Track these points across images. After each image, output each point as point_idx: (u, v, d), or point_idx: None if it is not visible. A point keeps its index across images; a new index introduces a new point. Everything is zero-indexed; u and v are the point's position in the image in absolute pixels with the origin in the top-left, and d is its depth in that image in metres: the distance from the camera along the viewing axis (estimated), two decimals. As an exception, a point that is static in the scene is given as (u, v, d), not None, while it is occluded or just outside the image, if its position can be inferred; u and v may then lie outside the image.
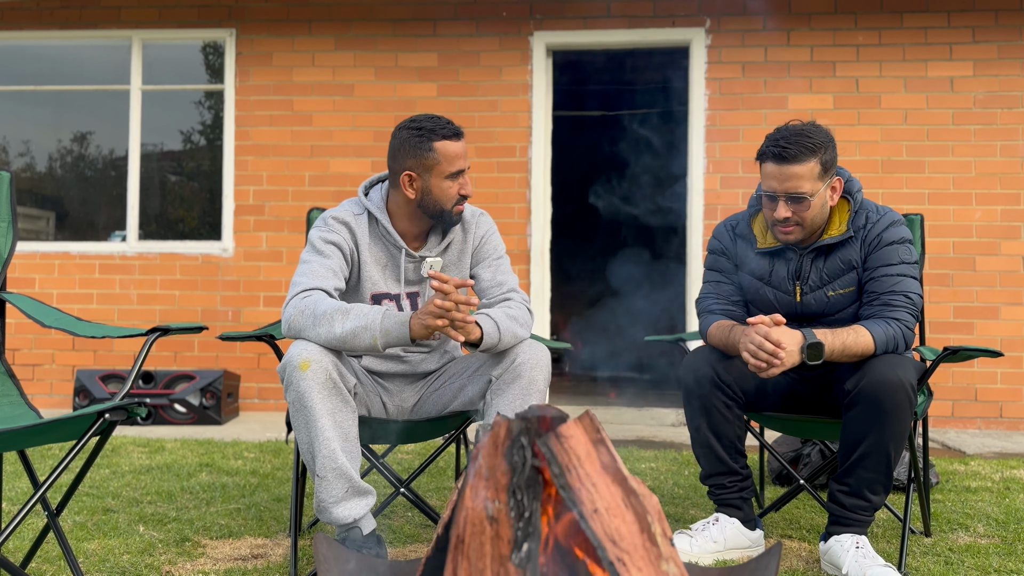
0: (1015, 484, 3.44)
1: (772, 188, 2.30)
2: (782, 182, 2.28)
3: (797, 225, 2.32)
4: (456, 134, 2.24)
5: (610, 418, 5.37)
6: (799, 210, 2.29)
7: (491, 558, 1.15)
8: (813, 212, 2.31)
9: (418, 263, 2.34)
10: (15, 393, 2.20)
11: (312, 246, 2.25)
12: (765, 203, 2.36)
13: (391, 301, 2.32)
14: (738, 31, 5.49)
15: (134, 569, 2.26)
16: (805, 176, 2.27)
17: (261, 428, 4.89)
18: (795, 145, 2.26)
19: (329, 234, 2.26)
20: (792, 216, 2.30)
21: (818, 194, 2.30)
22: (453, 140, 2.23)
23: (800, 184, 2.27)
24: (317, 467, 2.06)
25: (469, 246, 2.40)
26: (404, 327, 2.03)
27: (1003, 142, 5.32)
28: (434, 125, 2.22)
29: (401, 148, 2.25)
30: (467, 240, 2.39)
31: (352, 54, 5.73)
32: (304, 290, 2.15)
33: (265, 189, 5.75)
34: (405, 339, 2.04)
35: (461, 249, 2.39)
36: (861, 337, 2.23)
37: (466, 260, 2.40)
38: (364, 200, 2.33)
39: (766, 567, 1.37)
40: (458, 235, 2.38)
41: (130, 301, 5.77)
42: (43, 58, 6.08)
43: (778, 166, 2.28)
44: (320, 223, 2.29)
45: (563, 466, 1.19)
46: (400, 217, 2.32)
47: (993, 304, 5.29)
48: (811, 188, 2.28)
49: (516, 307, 2.27)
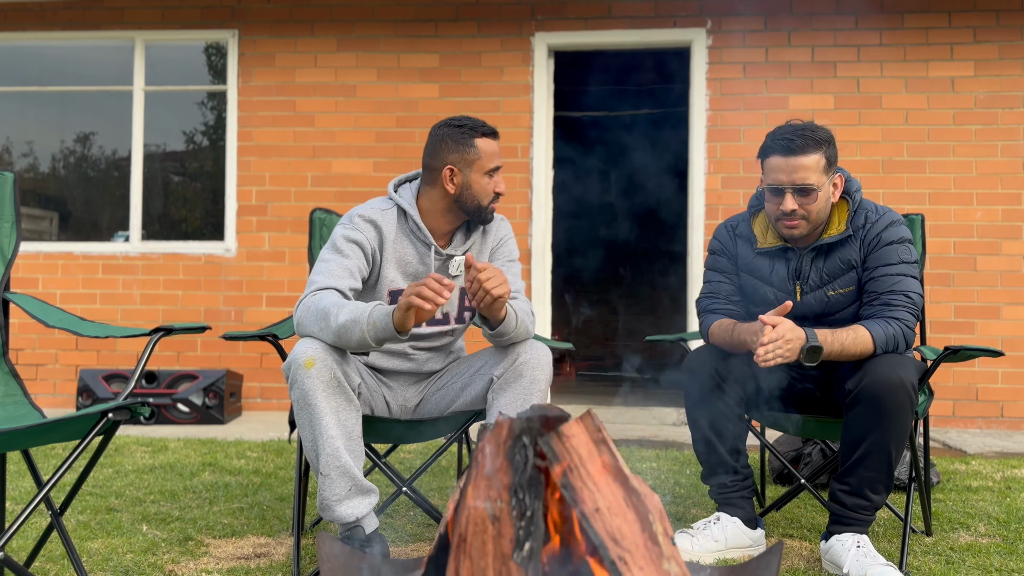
0: (1016, 484, 3.44)
1: (779, 180, 2.30)
2: (789, 174, 2.28)
3: (803, 219, 2.32)
4: (494, 133, 2.34)
5: (612, 417, 5.38)
6: (806, 203, 2.30)
7: (493, 557, 1.16)
8: (819, 205, 2.31)
9: (445, 260, 2.35)
10: (19, 393, 2.21)
11: (333, 244, 2.26)
12: (769, 198, 2.35)
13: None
14: (739, 31, 5.49)
15: (137, 568, 2.27)
16: (812, 168, 2.28)
17: (264, 428, 4.90)
18: (802, 137, 2.28)
19: (353, 232, 2.27)
20: (799, 209, 2.30)
21: (823, 187, 2.31)
22: (492, 138, 2.33)
23: (807, 175, 2.28)
24: (320, 465, 2.07)
25: (488, 247, 2.43)
26: (388, 317, 2.02)
27: (1004, 142, 5.32)
28: (474, 124, 2.31)
29: (443, 144, 2.30)
30: (486, 241, 2.43)
31: (354, 55, 5.74)
32: (318, 288, 2.16)
33: (268, 190, 5.76)
34: (390, 329, 2.02)
35: (480, 249, 2.42)
36: (860, 337, 2.23)
37: (484, 260, 2.42)
38: (395, 196, 2.35)
39: (767, 566, 1.37)
40: (479, 236, 2.41)
41: (133, 301, 5.78)
42: (46, 59, 6.09)
43: (785, 158, 2.29)
44: (346, 220, 2.30)
45: (565, 466, 1.19)
46: (432, 214, 2.34)
47: (994, 304, 5.29)
48: (818, 180, 2.28)
49: (525, 305, 2.31)
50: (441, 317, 2.37)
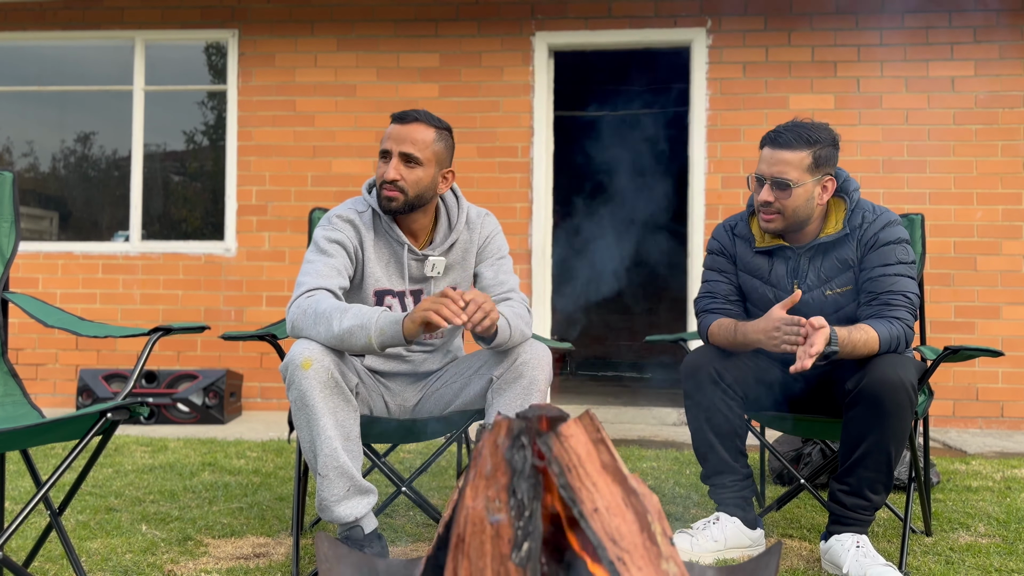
0: (1016, 484, 3.44)
1: (761, 171, 2.35)
2: (771, 166, 2.32)
3: (778, 213, 2.34)
4: (399, 116, 2.30)
5: (611, 417, 5.37)
6: (781, 197, 2.31)
7: (491, 557, 1.16)
8: (795, 203, 2.32)
9: (421, 260, 2.35)
10: (18, 392, 2.21)
11: (316, 245, 2.26)
12: (754, 188, 2.38)
13: (394, 298, 2.33)
14: (739, 31, 5.49)
15: (136, 568, 2.27)
16: (793, 164, 2.29)
17: (264, 427, 4.90)
18: (790, 132, 2.32)
19: (333, 232, 2.27)
20: (774, 202, 2.32)
21: (803, 185, 2.30)
22: (394, 122, 2.31)
23: (786, 170, 2.29)
24: (319, 466, 2.07)
25: (475, 245, 2.41)
26: (398, 325, 2.03)
27: (1004, 142, 5.32)
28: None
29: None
30: (472, 239, 2.41)
31: (354, 55, 5.74)
32: (308, 290, 2.16)
33: (268, 189, 5.76)
34: (399, 337, 2.04)
35: (466, 248, 2.40)
36: (870, 337, 2.23)
37: (471, 259, 2.41)
38: (368, 197, 2.35)
39: (766, 566, 1.37)
40: (463, 234, 2.40)
41: (133, 301, 5.78)
42: (46, 59, 6.10)
43: (772, 150, 2.33)
44: (324, 222, 2.30)
45: (563, 466, 1.19)
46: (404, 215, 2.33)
47: (994, 304, 5.29)
48: (797, 177, 2.29)
49: (519, 306, 2.29)
50: None
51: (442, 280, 2.37)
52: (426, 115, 2.28)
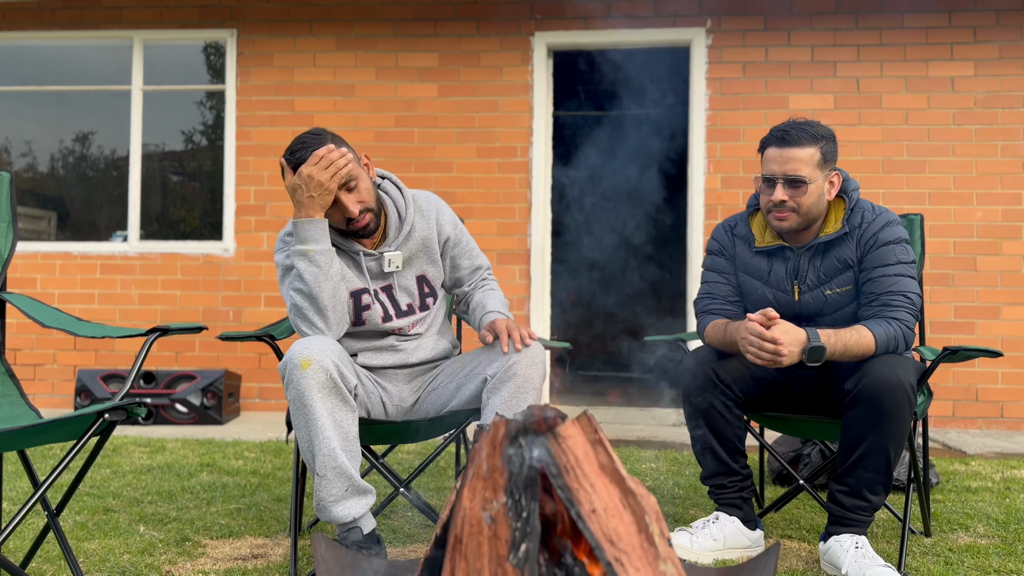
0: (1016, 484, 3.44)
1: (772, 171, 2.33)
2: (782, 164, 2.31)
3: (793, 211, 2.33)
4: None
5: (610, 418, 5.37)
6: (796, 195, 2.31)
7: (489, 558, 1.15)
8: (810, 200, 2.32)
9: (379, 258, 2.34)
10: (15, 393, 2.21)
11: (284, 271, 2.29)
12: (763, 189, 2.38)
13: (370, 296, 2.34)
14: (739, 31, 5.49)
15: (134, 569, 2.26)
16: (805, 160, 2.30)
17: (262, 428, 4.89)
18: (797, 130, 2.32)
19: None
20: (788, 201, 2.32)
21: (816, 182, 2.31)
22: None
23: (799, 167, 2.30)
24: (317, 466, 2.06)
25: (433, 232, 2.41)
26: (296, 223, 2.18)
27: (1004, 142, 5.32)
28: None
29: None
30: (430, 226, 2.40)
31: (353, 54, 5.74)
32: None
33: (266, 189, 5.75)
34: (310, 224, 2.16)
35: (426, 236, 2.39)
36: (863, 338, 2.23)
37: (434, 246, 2.41)
38: None
39: (765, 567, 1.37)
40: (419, 221, 2.39)
41: (131, 301, 5.78)
42: (45, 58, 6.09)
43: (779, 149, 2.32)
44: (280, 245, 2.33)
45: (561, 466, 1.19)
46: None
47: (994, 304, 5.29)
48: (809, 173, 2.30)
49: (499, 291, 2.45)
50: (405, 309, 2.37)
51: (406, 271, 2.37)
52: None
